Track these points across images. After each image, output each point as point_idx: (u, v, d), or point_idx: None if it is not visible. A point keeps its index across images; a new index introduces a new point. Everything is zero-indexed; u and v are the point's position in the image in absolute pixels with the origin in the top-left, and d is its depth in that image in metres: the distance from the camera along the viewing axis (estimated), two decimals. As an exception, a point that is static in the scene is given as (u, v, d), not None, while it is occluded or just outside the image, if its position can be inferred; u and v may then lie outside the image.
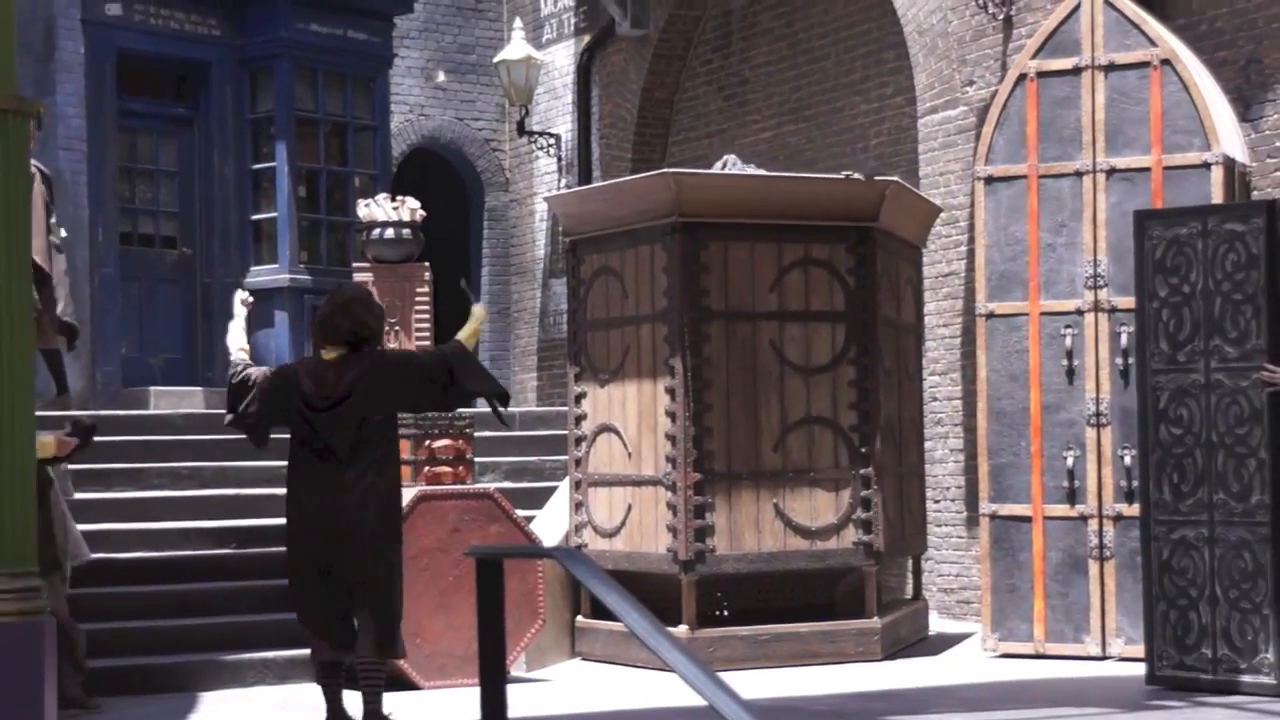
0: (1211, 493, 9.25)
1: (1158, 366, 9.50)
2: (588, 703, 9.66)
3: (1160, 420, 9.47)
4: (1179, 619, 9.34)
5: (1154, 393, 9.51)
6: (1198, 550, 9.29)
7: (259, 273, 16.23)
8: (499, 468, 13.25)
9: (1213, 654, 9.22)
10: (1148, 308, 9.57)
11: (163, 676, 10.14)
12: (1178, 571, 9.36)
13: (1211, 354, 9.31)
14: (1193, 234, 9.42)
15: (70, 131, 15.27)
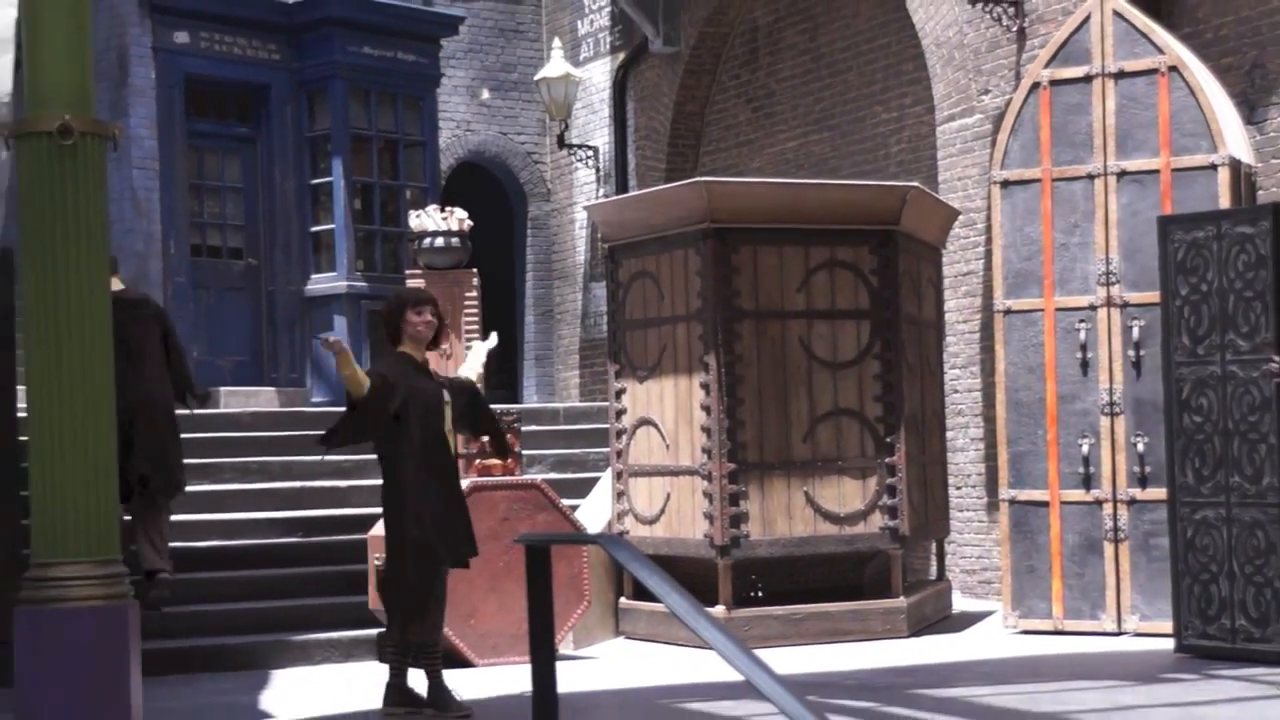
0: (1228, 476, 9.33)
1: (1180, 359, 9.58)
2: (631, 678, 9.67)
3: (1183, 409, 9.56)
4: (1201, 593, 9.43)
5: (1177, 384, 9.59)
6: (1217, 529, 9.37)
7: (318, 280, 16.29)
8: (545, 460, 13.28)
9: (1231, 625, 9.32)
10: (1171, 305, 9.66)
11: (237, 655, 10.19)
12: (1200, 549, 9.47)
13: (1226, 347, 9.37)
14: (1209, 236, 9.48)
15: (143, 152, 15.36)
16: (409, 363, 8.27)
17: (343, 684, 9.58)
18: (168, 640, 10.14)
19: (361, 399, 8.06)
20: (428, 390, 8.19)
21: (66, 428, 6.17)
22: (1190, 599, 9.53)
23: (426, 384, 8.23)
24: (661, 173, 16.65)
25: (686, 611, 4.76)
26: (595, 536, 6.11)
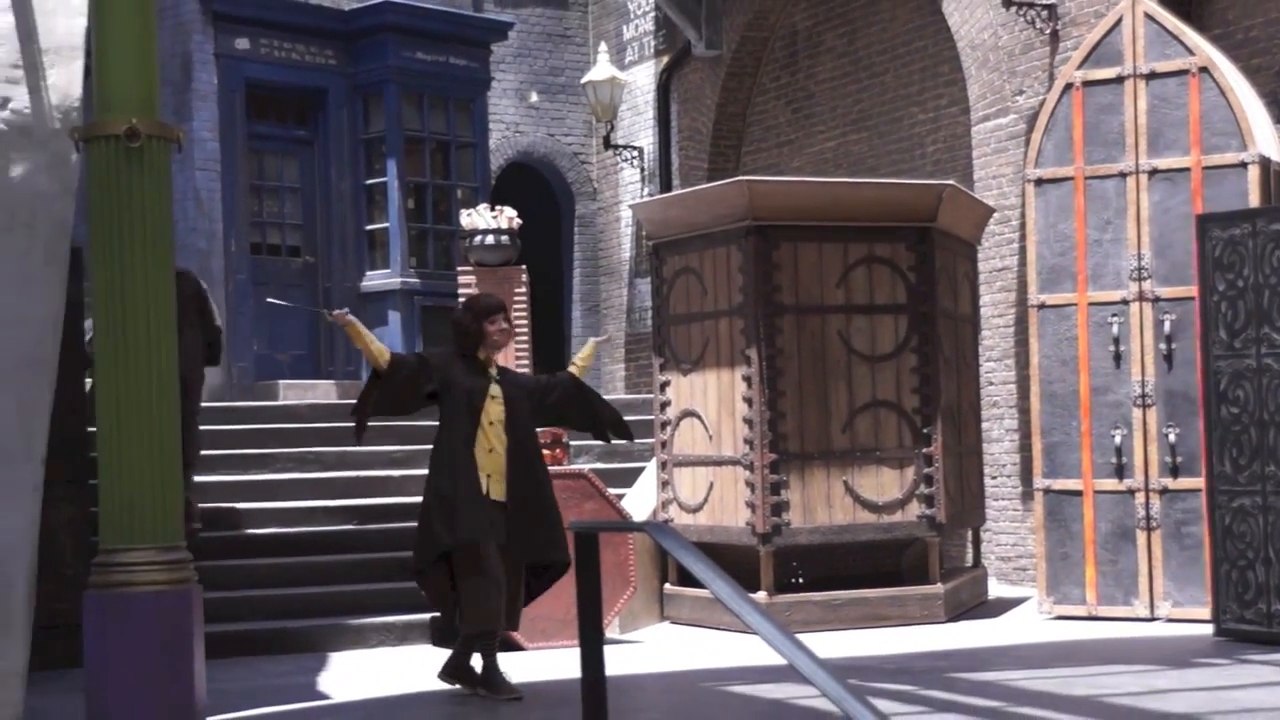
0: (1264, 465, 9.30)
1: (1218, 353, 9.55)
2: (676, 662, 9.67)
3: (1221, 401, 9.52)
4: (1239, 578, 9.39)
5: (1215, 376, 9.56)
6: (1253, 517, 9.34)
7: (373, 277, 16.34)
8: (592, 450, 13.29)
9: (1267, 609, 9.28)
10: (1209, 300, 9.62)
11: (295, 639, 10.25)
12: (1237, 536, 9.44)
13: (1262, 341, 9.33)
14: (1244, 234, 9.44)
15: (206, 154, 15.45)
16: (454, 355, 8.29)
17: (397, 667, 9.61)
18: (229, 623, 10.20)
19: (382, 370, 8.11)
20: (471, 383, 8.18)
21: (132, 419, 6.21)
22: (1228, 585, 9.49)
23: (472, 378, 8.22)
24: (704, 172, 16.65)
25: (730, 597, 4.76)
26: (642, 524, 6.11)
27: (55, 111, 6.86)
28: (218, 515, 11.56)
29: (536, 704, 8.03)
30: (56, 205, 6.86)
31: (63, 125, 6.82)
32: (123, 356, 6.22)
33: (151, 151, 6.27)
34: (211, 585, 9.17)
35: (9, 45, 6.81)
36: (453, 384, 8.13)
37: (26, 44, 6.84)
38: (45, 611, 7.63)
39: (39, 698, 7.82)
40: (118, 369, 6.23)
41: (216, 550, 10.93)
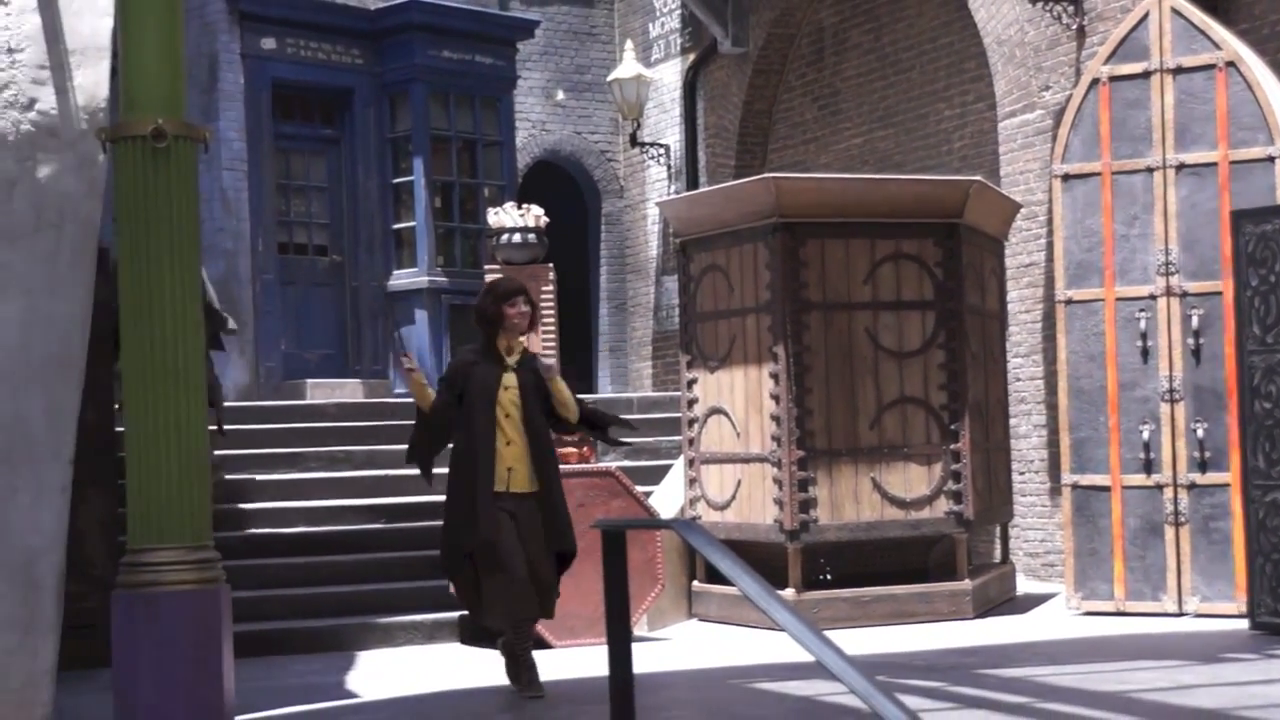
0: (1297, 459, 9.28)
1: (1252, 348, 9.53)
2: (704, 659, 9.66)
3: (1254, 395, 9.50)
4: (1273, 572, 9.39)
5: (1249, 371, 9.53)
6: (1287, 510, 9.33)
7: (400, 276, 16.37)
8: (619, 448, 13.26)
9: (1301, 602, 9.27)
10: (1242, 295, 9.59)
11: (323, 637, 10.27)
12: (1270, 529, 9.43)
13: (1294, 335, 9.32)
14: (1276, 229, 9.40)
15: (232, 153, 15.48)
16: (475, 351, 8.27)
17: (426, 665, 9.62)
18: (258, 622, 10.22)
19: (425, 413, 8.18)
20: (487, 377, 8.14)
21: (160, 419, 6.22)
22: (1262, 578, 9.46)
23: (488, 371, 8.16)
24: (731, 169, 16.62)
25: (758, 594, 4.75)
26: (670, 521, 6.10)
27: (82, 112, 6.86)
28: (246, 514, 11.59)
29: (564, 702, 8.02)
30: (83, 206, 6.87)
31: (89, 126, 6.83)
32: (149, 356, 6.23)
33: (178, 152, 6.28)
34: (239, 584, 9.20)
35: (36, 46, 6.82)
36: (471, 382, 8.11)
37: (53, 45, 6.85)
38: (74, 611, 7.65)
39: (69, 697, 7.84)
40: (144, 369, 6.24)
41: (244, 549, 10.96)
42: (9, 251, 6.68)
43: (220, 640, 6.20)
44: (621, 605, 6.04)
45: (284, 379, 15.58)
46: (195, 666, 6.13)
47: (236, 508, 11.58)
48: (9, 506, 6.61)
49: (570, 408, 8.31)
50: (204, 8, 15.53)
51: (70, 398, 6.81)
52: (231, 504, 11.53)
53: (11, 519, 6.61)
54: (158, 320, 6.24)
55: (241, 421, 12.88)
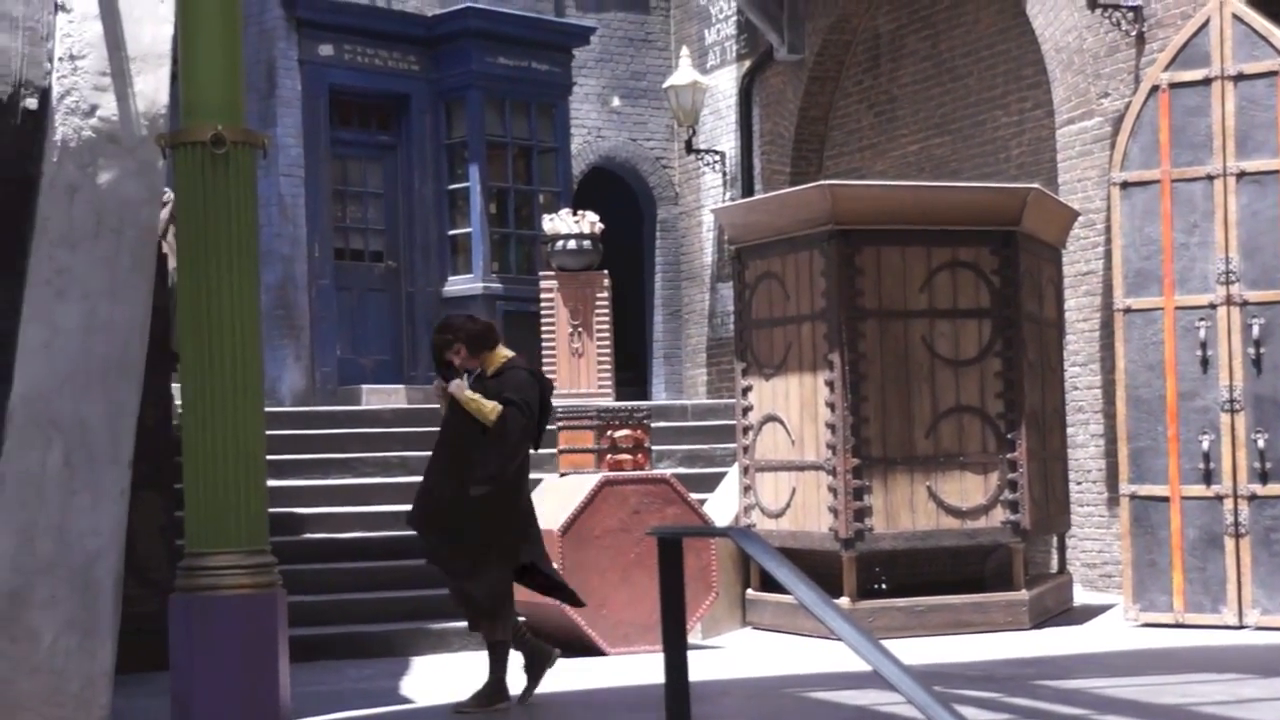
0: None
1: None
2: (759, 667, 9.65)
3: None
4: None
5: None
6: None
7: (455, 282, 16.42)
8: (674, 455, 13.27)
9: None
10: None
11: (378, 642, 10.30)
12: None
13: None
14: None
15: (290, 160, 15.57)
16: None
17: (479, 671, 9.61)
18: (313, 627, 10.25)
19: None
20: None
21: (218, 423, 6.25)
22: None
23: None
24: (786, 176, 16.60)
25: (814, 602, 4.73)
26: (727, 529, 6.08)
27: (142, 119, 6.92)
28: (301, 520, 11.64)
29: (620, 709, 8.03)
30: (143, 211, 6.92)
31: (149, 132, 6.88)
32: (208, 361, 6.26)
33: (236, 157, 6.32)
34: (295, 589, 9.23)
35: (97, 53, 6.88)
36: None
37: (114, 52, 6.90)
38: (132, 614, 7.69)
39: (126, 700, 7.89)
40: (203, 373, 6.27)
41: (300, 554, 10.99)
42: (70, 256, 6.74)
43: (276, 644, 6.23)
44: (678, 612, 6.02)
45: (340, 384, 15.64)
46: (251, 670, 6.16)
47: (293, 512, 11.63)
48: (68, 509, 6.66)
49: (482, 415, 8.22)
50: (262, 15, 15.62)
51: (129, 401, 6.86)
52: (288, 508, 11.58)
53: (71, 522, 6.67)
54: (216, 324, 6.27)
55: (297, 426, 12.93)
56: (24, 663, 6.60)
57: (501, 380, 8.26)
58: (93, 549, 6.69)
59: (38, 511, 6.63)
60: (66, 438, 6.64)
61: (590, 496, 10.29)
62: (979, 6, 14.79)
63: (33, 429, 6.65)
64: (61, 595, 6.63)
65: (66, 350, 6.68)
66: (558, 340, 14.95)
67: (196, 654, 6.16)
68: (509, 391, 8.18)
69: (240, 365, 6.31)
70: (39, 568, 6.63)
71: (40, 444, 6.65)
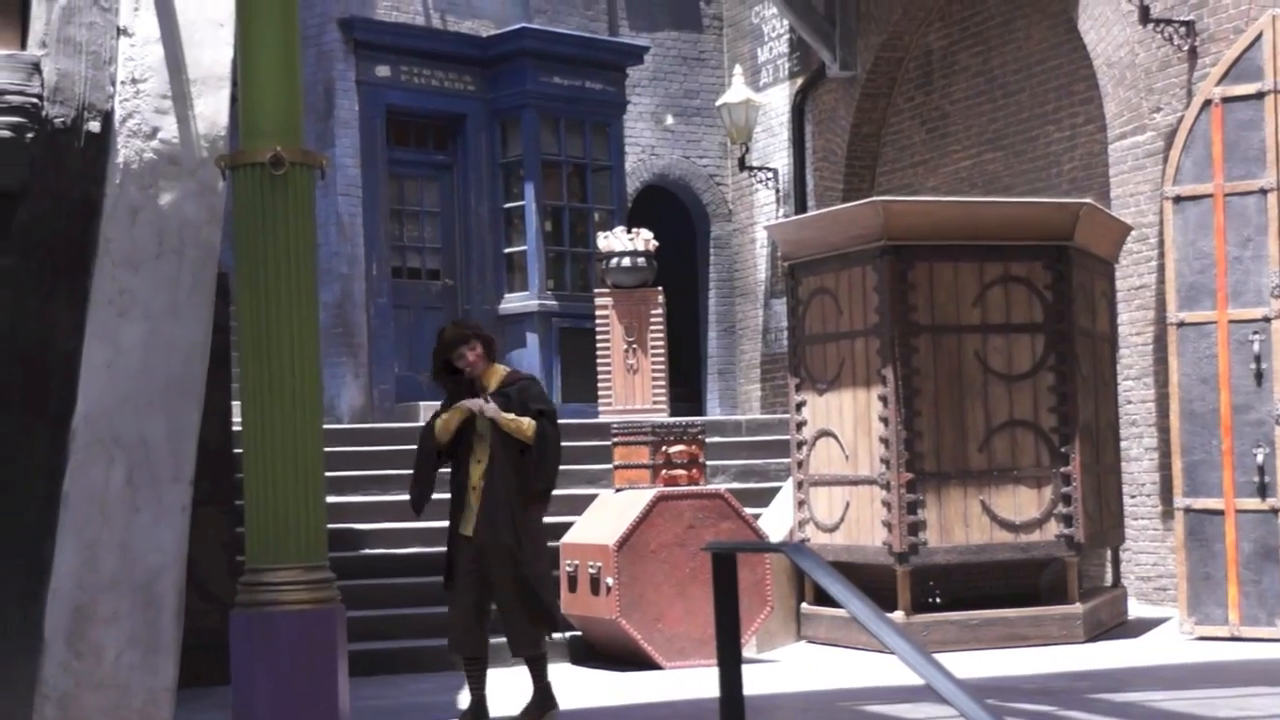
0: None
1: None
2: (813, 681, 9.63)
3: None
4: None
5: None
6: None
7: (511, 299, 16.46)
8: (728, 470, 13.26)
9: None
10: None
11: (437, 657, 10.27)
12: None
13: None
14: None
15: (347, 179, 15.65)
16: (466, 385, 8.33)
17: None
18: (373, 642, 10.29)
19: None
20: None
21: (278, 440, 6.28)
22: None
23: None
24: (839, 193, 16.58)
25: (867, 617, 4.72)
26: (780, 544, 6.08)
27: (202, 140, 6.97)
28: (359, 535, 11.68)
29: (674, 722, 8.02)
30: (203, 232, 6.97)
31: (209, 153, 6.93)
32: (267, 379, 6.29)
33: (295, 178, 6.34)
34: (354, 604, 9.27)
35: (159, 77, 6.94)
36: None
37: (175, 75, 6.96)
38: (194, 629, 7.75)
39: (188, 714, 7.94)
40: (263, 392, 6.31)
41: (359, 569, 11.04)
42: (132, 276, 6.79)
43: (335, 659, 6.25)
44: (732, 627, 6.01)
45: (397, 401, 15.70)
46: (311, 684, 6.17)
47: (352, 528, 11.68)
48: (131, 526, 6.71)
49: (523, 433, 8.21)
50: (320, 37, 15.73)
51: (191, 420, 6.91)
52: (347, 524, 11.62)
53: (133, 538, 6.71)
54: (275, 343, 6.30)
55: (354, 443, 12.98)
56: (88, 678, 6.65)
57: (522, 392, 8.29)
58: (155, 565, 6.74)
59: (101, 528, 6.68)
60: (129, 456, 6.69)
61: (645, 511, 10.30)
62: (1031, 22, 14.75)
63: (96, 447, 6.71)
64: (124, 611, 6.68)
65: (128, 369, 6.73)
66: (613, 357, 14.97)
67: (257, 668, 6.18)
68: (533, 403, 8.23)
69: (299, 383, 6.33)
70: (102, 584, 6.69)
71: (103, 462, 6.70)
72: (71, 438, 6.69)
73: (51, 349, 6.72)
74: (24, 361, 6.69)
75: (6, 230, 6.68)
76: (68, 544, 6.63)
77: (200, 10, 7.08)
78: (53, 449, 6.69)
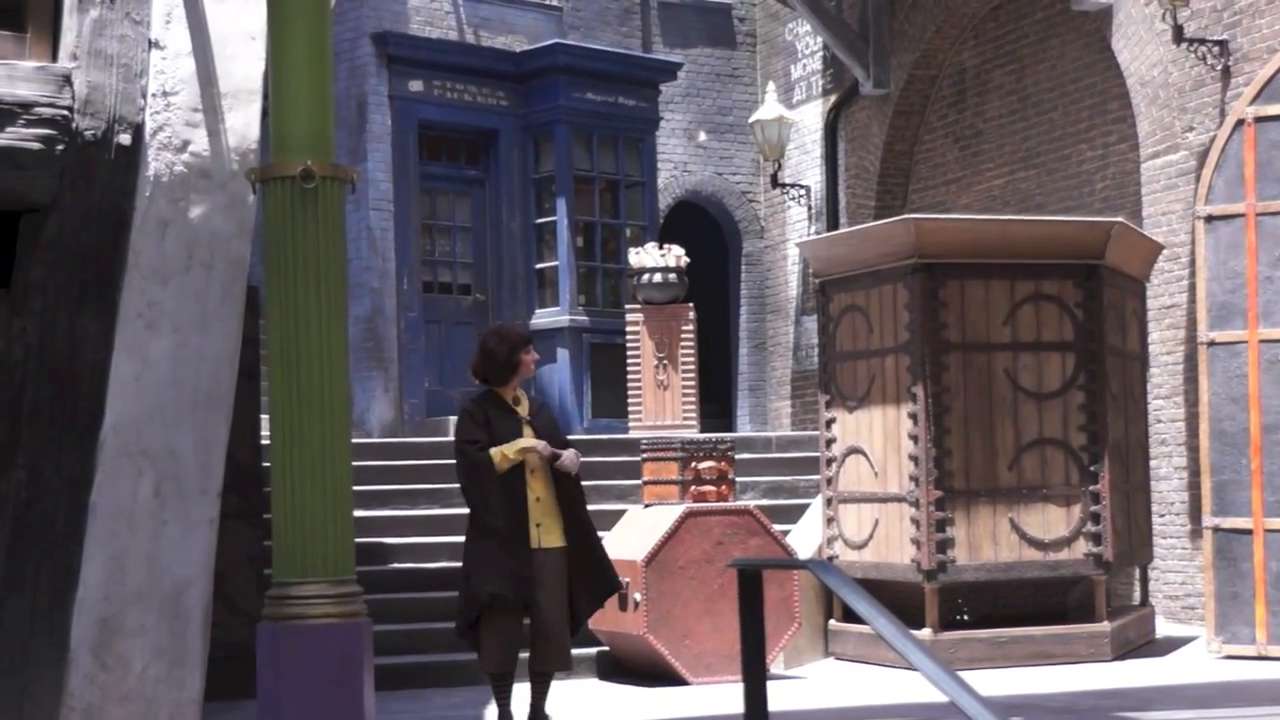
0: None
1: None
2: (840, 698, 9.58)
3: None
4: None
5: None
6: None
7: (542, 315, 16.45)
8: (757, 486, 13.21)
9: None
10: None
11: (463, 672, 10.25)
12: None
13: None
14: None
15: (379, 194, 15.67)
16: (481, 403, 8.16)
17: (565, 700, 9.61)
18: (400, 656, 10.27)
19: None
20: (507, 430, 8.04)
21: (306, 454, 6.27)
22: None
23: (507, 424, 8.07)
24: (871, 210, 16.54)
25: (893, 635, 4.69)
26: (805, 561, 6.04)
27: (233, 154, 6.97)
28: (388, 549, 11.66)
29: (700, 739, 7.98)
30: (233, 245, 6.97)
31: (240, 167, 6.93)
32: (296, 393, 6.28)
33: (326, 192, 6.33)
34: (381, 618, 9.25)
35: (190, 90, 6.94)
36: (495, 436, 8.00)
37: (206, 88, 6.96)
38: (221, 642, 7.74)
39: (215, 725, 7.93)
40: (292, 405, 6.29)
41: (386, 584, 11.02)
42: (161, 289, 6.79)
43: (361, 673, 6.22)
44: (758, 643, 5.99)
45: (427, 415, 15.69)
46: (337, 698, 6.15)
47: (380, 542, 11.66)
48: (159, 539, 6.70)
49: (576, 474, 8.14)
50: (353, 51, 15.76)
51: (219, 432, 6.90)
52: (375, 538, 11.61)
53: (161, 551, 6.70)
54: (305, 357, 6.29)
55: (384, 457, 12.98)
56: (115, 690, 6.64)
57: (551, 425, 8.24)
58: (182, 578, 6.73)
59: (128, 541, 6.67)
60: (157, 468, 6.69)
61: (674, 527, 10.26)
62: (1064, 41, 14.70)
63: (124, 460, 6.70)
64: (151, 624, 6.67)
65: (157, 382, 6.73)
66: (643, 372, 14.95)
67: (283, 682, 6.16)
68: (559, 434, 8.20)
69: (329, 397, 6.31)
70: (129, 596, 6.68)
71: (131, 474, 6.70)
72: (99, 450, 6.68)
73: (80, 361, 6.72)
74: (53, 373, 6.69)
75: (36, 242, 6.68)
76: (95, 555, 6.62)
77: (232, 24, 7.08)
78: (81, 461, 6.69)
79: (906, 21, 16.21)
